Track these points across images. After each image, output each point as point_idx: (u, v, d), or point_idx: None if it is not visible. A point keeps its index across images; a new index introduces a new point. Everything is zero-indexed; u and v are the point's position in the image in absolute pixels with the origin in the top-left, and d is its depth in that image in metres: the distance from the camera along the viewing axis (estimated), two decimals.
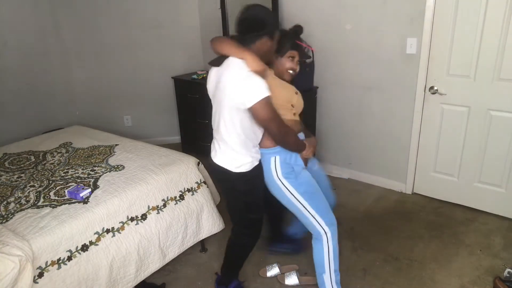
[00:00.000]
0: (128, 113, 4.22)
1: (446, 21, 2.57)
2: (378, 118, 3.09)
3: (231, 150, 1.75)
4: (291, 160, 1.85)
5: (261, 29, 1.66)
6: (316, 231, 1.88)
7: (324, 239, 1.87)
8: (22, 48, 3.54)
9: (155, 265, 2.10)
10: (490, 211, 2.77)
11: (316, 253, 1.92)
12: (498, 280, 2.08)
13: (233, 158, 1.76)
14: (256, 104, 1.59)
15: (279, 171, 1.84)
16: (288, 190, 1.84)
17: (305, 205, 1.85)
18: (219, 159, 1.81)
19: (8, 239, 1.61)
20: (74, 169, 2.33)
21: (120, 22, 3.89)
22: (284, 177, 1.84)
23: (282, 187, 1.84)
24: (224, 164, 1.79)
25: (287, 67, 1.87)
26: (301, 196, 1.84)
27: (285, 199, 1.87)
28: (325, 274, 1.91)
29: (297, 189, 1.84)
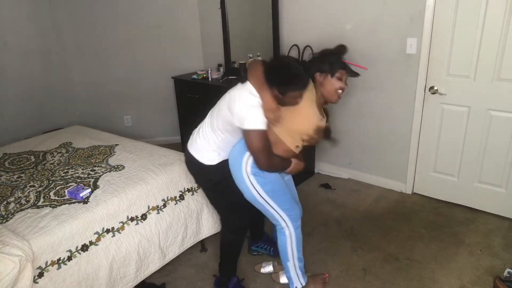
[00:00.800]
0: (128, 113, 4.22)
1: (446, 21, 2.57)
2: (378, 118, 3.09)
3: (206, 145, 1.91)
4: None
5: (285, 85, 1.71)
6: (279, 225, 1.95)
7: (286, 232, 1.95)
8: (22, 48, 3.54)
9: (155, 265, 2.10)
10: (490, 211, 2.77)
11: (280, 243, 2.00)
12: (498, 280, 2.08)
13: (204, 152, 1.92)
14: (250, 131, 1.72)
15: (249, 167, 1.84)
16: (253, 187, 1.86)
17: (269, 202, 1.89)
18: (193, 149, 1.96)
19: (8, 239, 1.61)
20: (74, 169, 2.33)
21: (120, 22, 3.89)
22: (252, 174, 1.85)
23: (248, 182, 1.86)
24: (197, 155, 1.94)
25: (337, 87, 1.85)
26: (265, 194, 1.87)
27: (248, 194, 1.89)
28: (289, 262, 2.02)
29: (263, 187, 1.86)
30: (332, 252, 2.44)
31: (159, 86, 4.12)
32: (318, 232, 2.67)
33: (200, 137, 1.93)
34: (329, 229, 2.69)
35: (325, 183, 3.31)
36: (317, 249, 2.49)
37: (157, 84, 4.12)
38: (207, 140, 1.90)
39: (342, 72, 1.85)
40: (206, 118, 1.97)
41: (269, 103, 1.72)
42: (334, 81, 1.84)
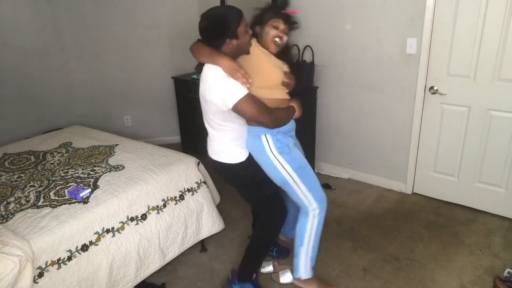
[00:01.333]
0: (128, 113, 4.22)
1: (446, 21, 2.57)
2: (378, 118, 3.09)
3: (225, 146, 1.85)
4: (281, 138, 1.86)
5: (222, 36, 1.65)
6: (305, 206, 1.93)
7: (310, 215, 1.93)
8: (22, 48, 3.54)
9: (155, 265, 2.10)
10: (490, 211, 2.77)
11: (300, 226, 1.97)
12: (498, 280, 2.08)
13: (228, 152, 1.85)
14: (238, 103, 1.64)
15: (273, 147, 1.83)
16: (282, 166, 1.84)
17: (297, 181, 1.87)
18: (217, 156, 1.89)
19: (8, 239, 1.61)
20: (74, 169, 2.33)
21: (120, 22, 3.88)
22: (279, 153, 1.83)
23: (277, 163, 1.84)
24: (222, 159, 1.87)
25: (272, 35, 1.81)
26: (294, 172, 1.85)
27: (278, 176, 1.87)
28: (303, 247, 1.98)
29: (291, 164, 1.85)
30: (332, 252, 2.44)
31: (159, 86, 4.12)
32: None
33: (214, 141, 1.87)
34: (329, 229, 2.69)
35: (325, 183, 3.31)
36: None
37: (157, 84, 4.12)
38: (221, 141, 1.85)
39: (278, 21, 1.82)
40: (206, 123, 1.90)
41: (229, 65, 1.64)
42: (269, 29, 1.82)
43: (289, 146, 1.87)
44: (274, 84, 1.83)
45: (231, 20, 1.65)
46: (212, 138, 1.88)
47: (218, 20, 1.67)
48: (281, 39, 1.84)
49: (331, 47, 3.14)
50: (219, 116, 1.75)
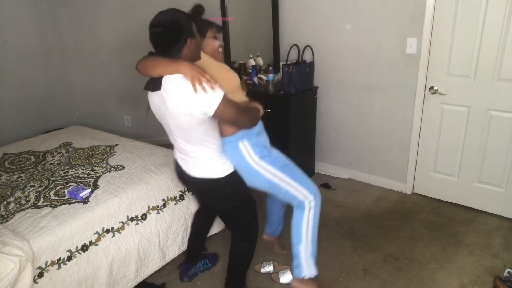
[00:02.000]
0: (128, 113, 4.22)
1: (446, 21, 2.57)
2: (378, 118, 3.09)
3: (210, 159, 1.69)
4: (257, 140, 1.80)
5: (180, 36, 1.55)
6: (299, 200, 1.85)
7: (306, 207, 1.85)
8: (22, 48, 3.54)
9: (155, 265, 2.10)
10: (490, 211, 2.77)
11: (296, 221, 1.88)
12: (498, 280, 2.08)
13: (216, 165, 1.70)
14: (218, 109, 1.51)
15: (253, 154, 1.76)
16: (267, 171, 1.78)
17: (286, 180, 1.81)
18: (202, 172, 1.71)
19: (8, 239, 1.61)
20: (74, 169, 2.33)
21: (120, 22, 3.88)
22: (260, 158, 1.77)
23: (261, 169, 1.77)
24: (210, 174, 1.70)
25: (217, 46, 1.80)
26: (280, 171, 1.80)
27: (265, 182, 1.80)
28: (301, 244, 1.88)
29: (274, 166, 1.79)
30: (332, 252, 2.44)
31: None
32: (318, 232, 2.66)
33: (196, 158, 1.69)
34: (329, 229, 2.69)
35: (325, 183, 3.31)
36: None
37: None
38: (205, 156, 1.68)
39: (215, 31, 1.82)
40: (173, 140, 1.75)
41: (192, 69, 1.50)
42: (211, 41, 1.79)
43: (267, 147, 1.83)
44: (235, 87, 1.76)
45: (184, 19, 1.57)
46: (193, 155, 1.68)
47: (173, 22, 1.56)
48: (223, 48, 1.87)
49: (331, 47, 3.14)
50: (200, 129, 1.60)
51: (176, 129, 1.64)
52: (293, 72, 2.93)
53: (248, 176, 1.80)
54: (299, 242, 1.89)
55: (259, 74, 3.36)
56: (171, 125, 1.64)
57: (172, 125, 1.64)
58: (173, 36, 1.55)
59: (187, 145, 1.67)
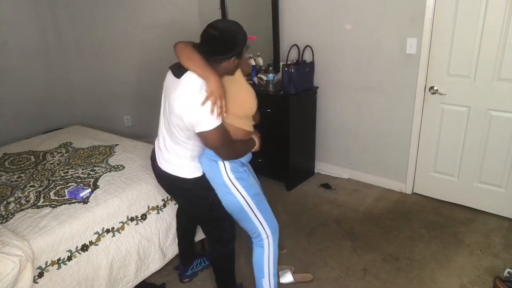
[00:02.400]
0: (128, 113, 4.22)
1: (446, 21, 2.57)
2: (378, 118, 3.09)
3: (182, 161, 1.72)
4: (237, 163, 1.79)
5: (230, 51, 1.54)
6: (259, 236, 1.86)
7: (265, 243, 1.87)
8: (22, 48, 3.54)
9: (155, 265, 2.10)
10: (490, 211, 2.77)
11: (256, 258, 1.91)
12: (498, 280, 2.08)
13: (184, 167, 1.73)
14: (205, 132, 1.53)
15: (230, 172, 1.75)
16: (239, 192, 1.76)
17: (254, 209, 1.80)
18: (170, 168, 1.75)
19: (8, 239, 1.61)
20: (74, 169, 2.33)
21: (120, 22, 3.88)
22: (236, 178, 1.75)
23: (233, 188, 1.76)
24: (177, 173, 1.73)
25: (246, 58, 1.78)
26: (251, 199, 1.78)
27: (233, 201, 1.78)
28: (264, 279, 1.92)
29: (247, 191, 1.77)
30: (332, 252, 2.44)
31: (159, 86, 4.08)
32: (318, 232, 2.67)
33: (170, 153, 1.72)
34: (329, 229, 2.69)
35: (325, 183, 3.31)
36: (317, 249, 2.49)
37: (157, 84, 4.07)
38: (179, 156, 1.71)
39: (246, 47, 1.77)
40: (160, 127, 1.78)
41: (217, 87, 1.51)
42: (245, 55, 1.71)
43: (245, 169, 1.81)
44: (248, 114, 1.76)
45: (241, 38, 1.56)
46: (169, 149, 1.72)
47: (232, 35, 1.54)
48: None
49: (331, 47, 3.14)
50: (185, 133, 1.63)
51: (166, 119, 1.69)
52: (293, 72, 2.93)
53: (219, 192, 1.79)
54: (262, 277, 1.93)
55: (259, 74, 3.36)
56: (165, 112, 1.68)
57: (167, 113, 1.68)
58: (224, 47, 1.54)
59: (167, 138, 1.72)
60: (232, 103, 1.64)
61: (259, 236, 1.86)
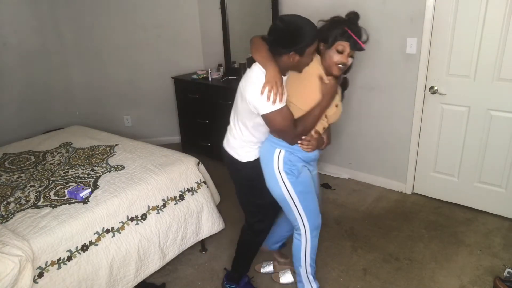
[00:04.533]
0: (128, 113, 4.22)
1: (446, 21, 2.57)
2: (378, 118, 3.09)
3: (239, 141, 1.83)
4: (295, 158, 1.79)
5: (291, 46, 1.56)
6: (298, 229, 1.90)
7: (303, 237, 1.90)
8: (22, 48, 3.54)
9: (155, 265, 2.10)
10: (490, 211, 2.77)
11: (295, 248, 1.96)
12: (498, 280, 2.08)
13: (239, 150, 1.84)
14: (269, 114, 1.61)
15: (281, 163, 1.77)
16: (284, 185, 1.79)
17: (297, 204, 1.82)
18: (229, 148, 1.89)
19: (8, 239, 1.61)
20: (74, 169, 2.33)
21: (120, 22, 3.89)
22: (285, 172, 1.77)
23: (280, 179, 1.78)
24: (232, 153, 1.87)
25: (335, 61, 1.65)
26: (296, 195, 1.80)
27: (277, 191, 1.81)
28: (301, 268, 1.98)
29: (294, 187, 1.79)
30: (332, 252, 2.44)
31: (159, 86, 4.12)
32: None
33: (233, 134, 1.85)
34: (329, 229, 2.69)
35: (325, 183, 3.31)
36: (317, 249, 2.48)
37: (157, 84, 4.12)
38: (239, 137, 1.82)
39: (344, 45, 1.64)
40: (231, 116, 1.88)
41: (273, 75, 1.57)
42: (333, 53, 1.65)
43: (298, 169, 1.81)
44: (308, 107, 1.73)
45: (307, 36, 1.55)
46: (232, 132, 1.85)
47: (295, 29, 1.55)
48: (345, 65, 1.68)
49: None
50: (248, 115, 1.72)
51: (235, 103, 1.80)
52: None
53: (267, 177, 1.83)
54: (299, 266, 1.98)
55: None
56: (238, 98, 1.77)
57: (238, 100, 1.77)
58: (285, 40, 1.58)
59: (233, 120, 1.84)
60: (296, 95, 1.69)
61: (298, 229, 1.89)
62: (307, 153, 1.80)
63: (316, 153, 1.88)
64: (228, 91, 3.42)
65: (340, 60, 1.65)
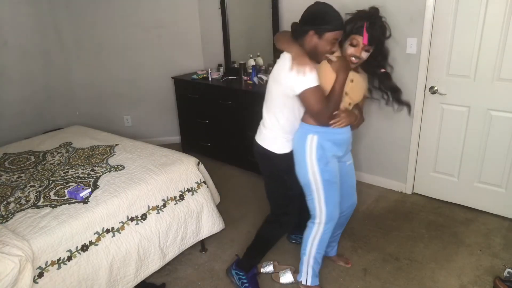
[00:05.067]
0: (128, 113, 4.22)
1: (446, 21, 2.57)
2: (378, 118, 3.08)
3: (274, 132, 1.87)
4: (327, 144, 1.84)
5: (311, 24, 1.68)
6: (314, 217, 1.94)
7: (315, 226, 1.94)
8: (22, 48, 3.54)
9: (155, 265, 2.10)
10: (490, 211, 2.77)
11: (305, 234, 1.99)
12: (498, 280, 2.08)
13: (275, 141, 1.88)
14: (305, 91, 1.67)
15: (313, 151, 1.81)
16: (312, 172, 1.83)
17: (319, 192, 1.86)
18: (261, 140, 1.92)
19: (8, 239, 1.61)
20: (74, 169, 2.33)
21: (120, 22, 3.89)
22: (316, 158, 1.81)
23: (309, 166, 1.83)
24: (266, 145, 1.90)
25: (349, 53, 1.75)
26: (321, 182, 1.84)
27: (304, 176, 1.86)
28: (305, 256, 2.01)
29: (321, 175, 1.83)
30: None
31: (159, 86, 4.12)
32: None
33: (265, 128, 1.89)
34: None
35: None
36: None
37: (157, 84, 4.12)
38: (272, 130, 1.87)
39: (358, 38, 1.71)
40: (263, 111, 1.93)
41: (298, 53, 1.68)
42: (347, 46, 1.74)
43: (327, 158, 1.85)
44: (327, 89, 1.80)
45: (329, 20, 1.66)
46: (265, 125, 1.89)
47: (320, 11, 1.69)
48: (358, 58, 1.75)
49: None
50: (281, 99, 1.78)
51: (269, 94, 1.85)
52: None
53: (297, 163, 1.88)
54: (304, 254, 2.02)
55: (259, 74, 3.36)
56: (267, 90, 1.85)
57: (268, 90, 1.84)
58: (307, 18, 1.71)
59: (265, 113, 1.88)
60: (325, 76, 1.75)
61: (314, 217, 1.93)
62: (339, 134, 1.87)
63: (348, 135, 1.96)
64: (228, 91, 3.43)
65: (353, 53, 1.74)
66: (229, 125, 3.49)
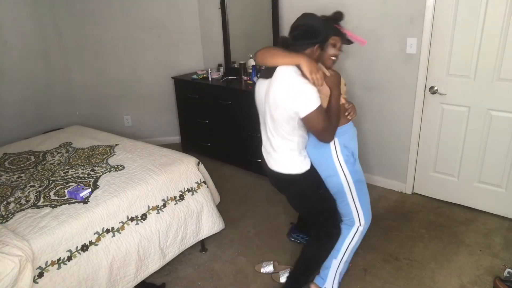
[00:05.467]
0: (128, 113, 4.22)
1: (446, 21, 2.57)
2: (378, 118, 3.09)
3: (290, 155, 1.80)
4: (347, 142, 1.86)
5: (315, 38, 1.71)
6: (352, 220, 1.92)
7: (354, 228, 1.93)
8: (22, 48, 3.54)
9: (155, 265, 2.10)
10: (490, 211, 2.77)
11: (340, 239, 1.97)
12: (498, 280, 2.08)
13: (294, 162, 1.81)
14: (309, 114, 1.63)
15: (340, 154, 1.83)
16: (344, 174, 1.84)
17: (353, 194, 1.87)
18: (281, 167, 1.84)
19: (8, 239, 1.61)
20: (74, 169, 2.33)
21: (120, 22, 3.89)
22: (344, 161, 1.83)
23: (340, 169, 1.83)
24: (288, 170, 1.83)
25: (330, 54, 1.83)
26: (353, 183, 1.85)
27: (337, 182, 1.85)
28: (336, 259, 1.98)
29: (352, 175, 1.85)
30: None
31: (159, 86, 4.12)
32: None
33: (277, 152, 1.81)
34: None
35: None
36: None
37: (157, 84, 4.12)
38: (286, 151, 1.79)
39: (336, 39, 1.84)
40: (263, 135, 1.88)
41: (310, 63, 1.63)
42: (327, 47, 1.82)
43: (353, 156, 1.87)
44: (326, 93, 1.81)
45: (328, 29, 1.75)
46: (276, 149, 1.81)
47: (318, 23, 1.72)
48: (337, 58, 1.86)
49: None
50: (289, 123, 1.71)
51: (270, 119, 1.76)
52: None
53: (325, 171, 1.87)
54: (334, 257, 1.98)
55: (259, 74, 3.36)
56: (266, 115, 1.77)
57: (267, 115, 1.76)
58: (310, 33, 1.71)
59: (274, 137, 1.78)
60: None
61: (352, 222, 1.93)
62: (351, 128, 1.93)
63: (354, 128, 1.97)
64: (228, 91, 3.43)
65: (334, 53, 1.84)
66: (229, 125, 3.49)
